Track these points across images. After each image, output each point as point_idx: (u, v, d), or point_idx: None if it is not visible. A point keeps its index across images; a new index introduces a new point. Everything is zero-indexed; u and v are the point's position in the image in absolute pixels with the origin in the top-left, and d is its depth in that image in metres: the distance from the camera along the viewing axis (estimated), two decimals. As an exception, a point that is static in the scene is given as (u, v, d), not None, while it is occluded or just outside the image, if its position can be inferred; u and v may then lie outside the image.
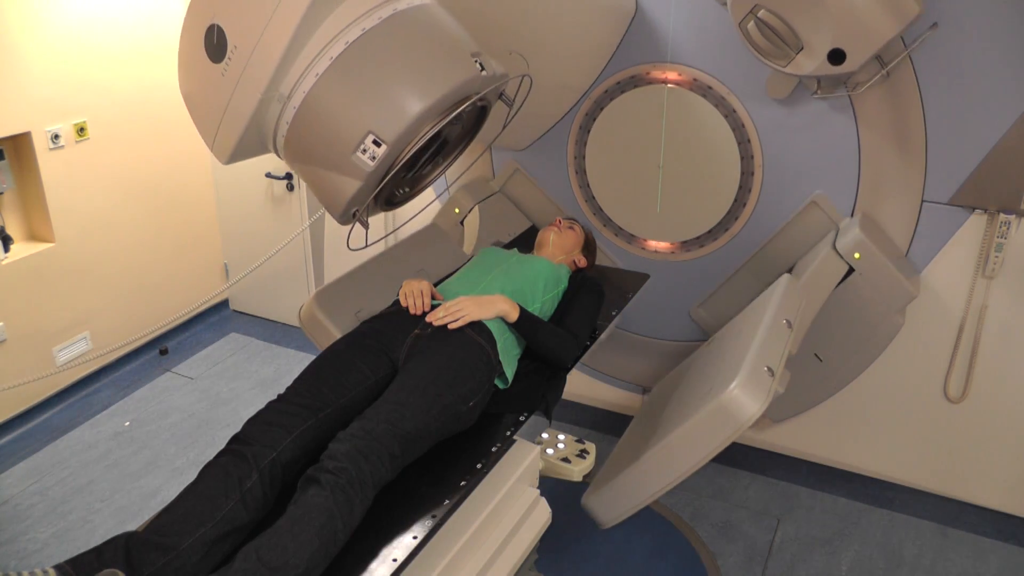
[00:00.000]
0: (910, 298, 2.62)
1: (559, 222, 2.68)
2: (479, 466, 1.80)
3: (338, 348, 1.99)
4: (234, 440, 1.68)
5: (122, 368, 3.90)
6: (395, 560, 1.51)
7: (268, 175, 3.91)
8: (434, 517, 1.62)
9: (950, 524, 2.90)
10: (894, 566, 2.73)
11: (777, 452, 3.23)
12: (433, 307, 2.11)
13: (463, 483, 1.74)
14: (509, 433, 1.94)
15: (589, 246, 2.74)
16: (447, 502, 1.67)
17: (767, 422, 3.09)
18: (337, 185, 1.72)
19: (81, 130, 3.46)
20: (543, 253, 2.62)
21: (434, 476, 1.76)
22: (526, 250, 2.77)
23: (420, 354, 1.93)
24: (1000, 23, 2.38)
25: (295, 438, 1.71)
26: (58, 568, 1.37)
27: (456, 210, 3.09)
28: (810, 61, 2.32)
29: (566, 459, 2.04)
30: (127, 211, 3.76)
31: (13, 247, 3.36)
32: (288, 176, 3.91)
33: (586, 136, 3.07)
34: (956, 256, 2.68)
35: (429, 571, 1.58)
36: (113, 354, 3.80)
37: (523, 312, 2.11)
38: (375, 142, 1.64)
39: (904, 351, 2.85)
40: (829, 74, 2.34)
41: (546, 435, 2.12)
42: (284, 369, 3.89)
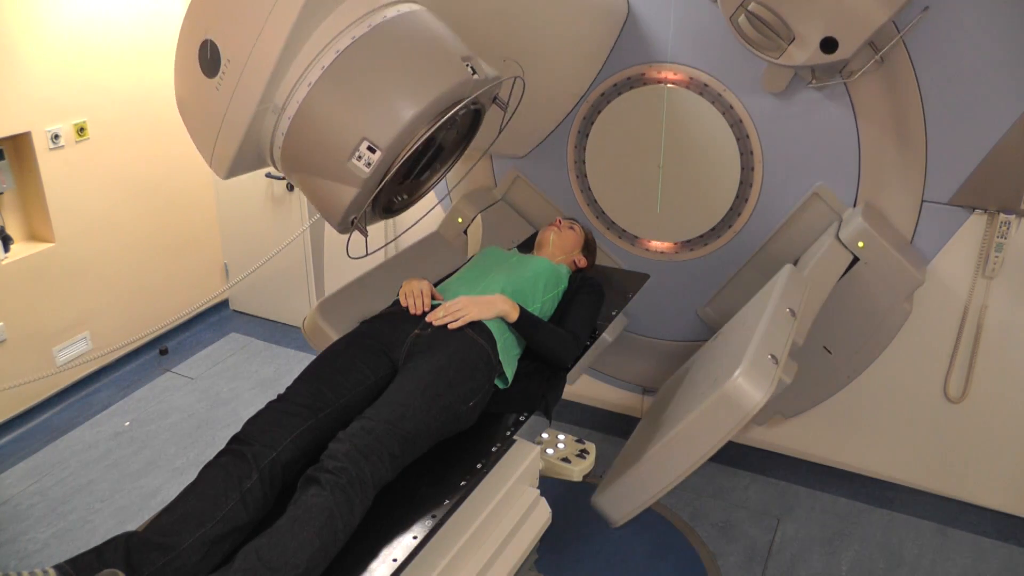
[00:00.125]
0: (916, 284, 2.60)
1: (559, 222, 2.68)
2: (479, 466, 1.80)
3: (338, 348, 1.99)
4: (234, 440, 1.68)
5: (122, 368, 3.90)
6: (395, 560, 1.51)
7: (268, 175, 3.91)
8: (434, 517, 1.62)
9: (950, 524, 2.90)
10: (894, 566, 2.73)
11: (777, 452, 3.23)
12: (433, 307, 2.11)
13: (463, 483, 1.74)
14: (509, 433, 1.94)
15: (589, 246, 2.74)
16: (447, 502, 1.67)
17: (779, 418, 3.07)
18: (334, 193, 1.73)
19: (81, 130, 3.46)
20: (543, 253, 2.62)
21: (434, 476, 1.76)
22: (526, 250, 2.77)
23: (420, 354, 1.93)
24: (1000, 22, 2.38)
25: (295, 438, 1.71)
26: (58, 568, 1.37)
27: (459, 220, 3.11)
28: (803, 51, 2.32)
29: (566, 459, 2.04)
30: (127, 211, 3.76)
31: (13, 247, 3.36)
32: (288, 176, 3.90)
33: (585, 140, 3.08)
34: (956, 256, 2.68)
35: (429, 571, 1.58)
36: (113, 354, 3.80)
37: (523, 312, 2.11)
38: (369, 148, 1.65)
39: (904, 351, 2.85)
40: (823, 63, 2.33)
41: (546, 435, 2.12)
42: (284, 369, 3.89)
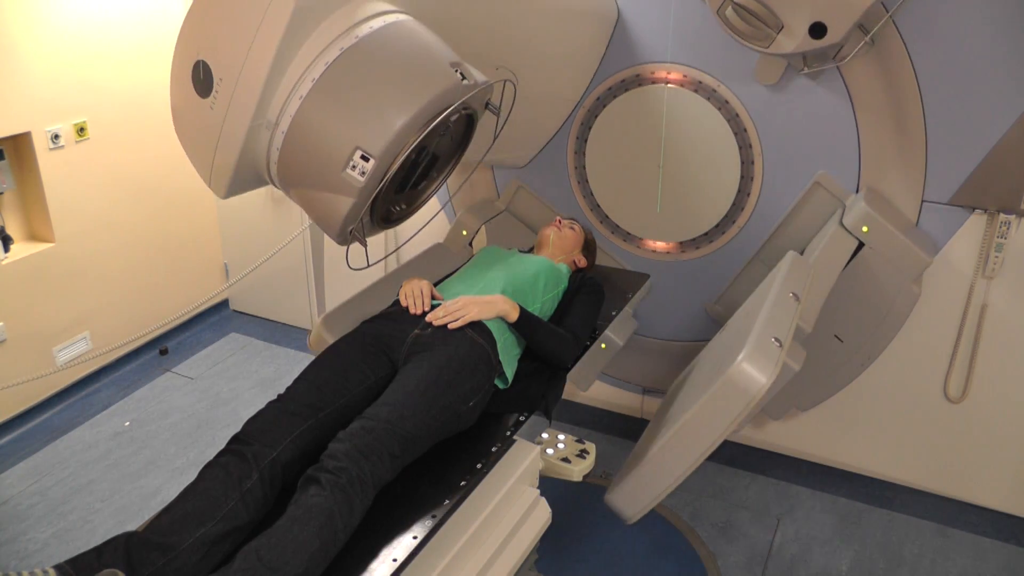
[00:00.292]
0: (924, 265, 2.59)
1: (559, 221, 2.68)
2: (479, 466, 1.80)
3: (338, 348, 1.99)
4: (234, 440, 1.68)
5: (122, 368, 3.90)
6: (395, 560, 1.51)
7: (268, 175, 3.91)
8: (434, 517, 1.62)
9: (950, 524, 2.90)
10: (894, 566, 2.73)
11: (777, 452, 3.23)
12: (433, 307, 2.11)
13: (463, 483, 1.74)
14: (509, 433, 1.94)
15: (589, 246, 2.74)
16: (447, 502, 1.67)
17: (794, 411, 3.05)
18: (331, 205, 1.74)
19: (81, 130, 3.46)
20: (543, 253, 2.62)
21: (434, 476, 1.76)
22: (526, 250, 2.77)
23: (420, 354, 1.93)
24: (992, 11, 2.38)
25: (295, 438, 1.71)
26: (58, 568, 1.37)
27: (464, 232, 3.14)
28: (791, 39, 2.32)
29: (566, 459, 2.04)
30: (127, 211, 3.76)
31: (13, 247, 3.36)
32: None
33: (584, 145, 3.09)
34: (956, 256, 2.68)
35: (429, 571, 1.58)
36: (113, 354, 3.80)
37: (523, 312, 2.11)
38: (363, 157, 1.66)
39: (904, 351, 2.84)
40: (813, 49, 2.33)
41: (546, 435, 2.12)
42: (284, 369, 3.89)
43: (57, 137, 3.36)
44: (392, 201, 1.92)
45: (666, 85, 2.87)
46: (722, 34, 2.43)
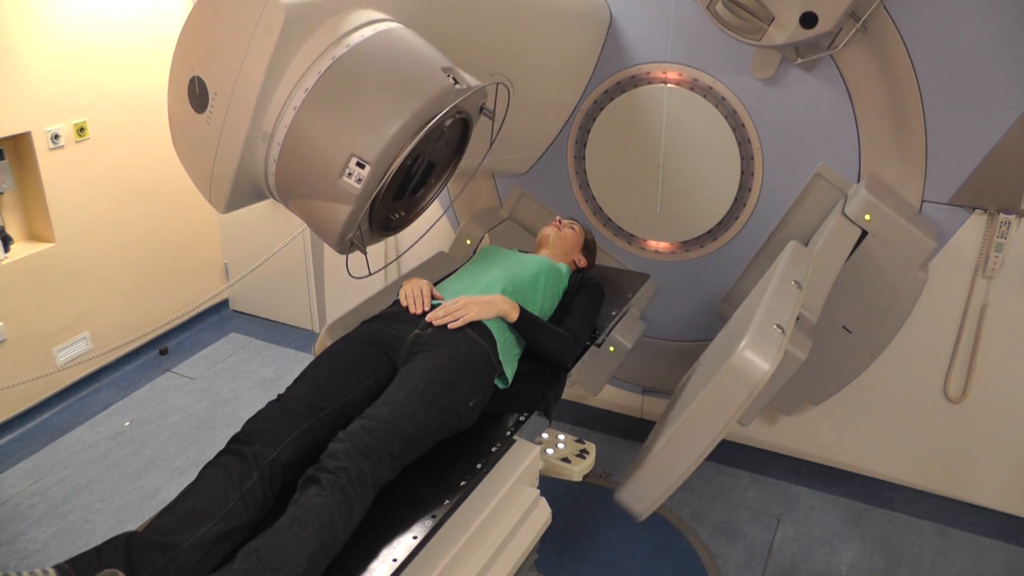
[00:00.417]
0: (928, 250, 2.59)
1: (559, 221, 2.67)
2: (479, 466, 1.80)
3: (338, 348, 1.99)
4: (234, 440, 1.68)
5: (122, 368, 3.90)
6: (395, 560, 1.51)
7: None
8: (434, 517, 1.62)
9: (950, 524, 2.90)
10: (894, 566, 2.73)
11: (777, 452, 3.23)
12: (433, 307, 2.11)
13: (463, 483, 1.73)
14: (509, 433, 1.94)
15: (589, 246, 2.73)
16: (447, 502, 1.66)
17: (807, 405, 3.04)
18: (329, 213, 1.75)
19: (81, 130, 3.46)
20: (543, 253, 2.62)
21: (434, 476, 1.76)
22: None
23: (420, 354, 1.93)
24: (996, 13, 2.38)
25: (295, 438, 1.71)
26: (58, 568, 1.37)
27: (468, 241, 3.16)
28: (783, 30, 2.32)
29: (566, 459, 2.04)
30: (127, 211, 3.76)
31: (13, 247, 3.37)
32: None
33: (584, 149, 3.09)
34: (956, 256, 2.68)
35: (429, 571, 1.58)
36: (113, 354, 3.80)
37: (523, 312, 2.11)
38: (359, 164, 1.67)
39: (904, 351, 2.85)
40: (805, 39, 2.33)
41: (546, 435, 2.12)
42: (284, 369, 3.89)
43: (57, 137, 3.36)
44: (391, 208, 1.93)
45: (664, 85, 2.87)
46: (715, 30, 2.43)
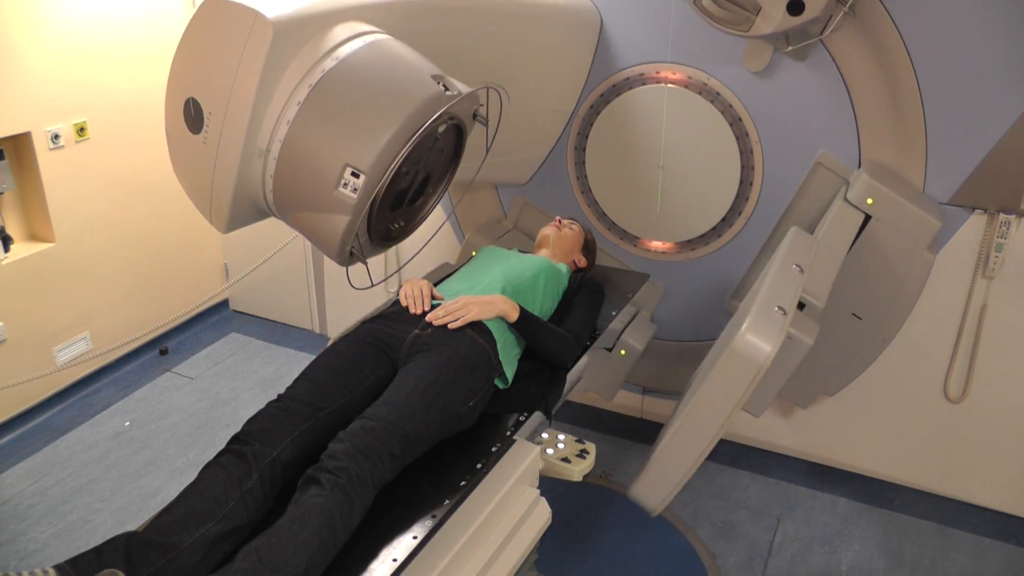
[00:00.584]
0: (934, 230, 2.57)
1: (559, 221, 2.67)
2: (479, 466, 1.80)
3: (338, 348, 1.99)
4: (234, 440, 1.68)
5: (122, 368, 3.90)
6: (395, 560, 1.51)
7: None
8: (434, 517, 1.62)
9: (950, 524, 2.90)
10: (894, 566, 2.73)
11: (777, 452, 3.24)
12: (433, 307, 2.11)
13: (463, 483, 1.73)
14: (509, 433, 1.94)
15: (589, 246, 2.73)
16: (447, 502, 1.66)
17: (821, 397, 3.03)
18: (327, 225, 1.76)
19: (81, 130, 3.46)
20: (543, 253, 2.62)
21: (434, 476, 1.76)
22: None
23: (420, 354, 1.93)
24: (1000, 21, 2.38)
25: (295, 438, 1.71)
26: (58, 568, 1.37)
27: (473, 253, 3.14)
28: (770, 20, 2.33)
29: (566, 459, 2.04)
30: (127, 211, 3.76)
31: (13, 247, 3.36)
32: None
33: (583, 155, 3.10)
34: (956, 256, 2.68)
35: (429, 571, 1.58)
36: (113, 354, 3.80)
37: (523, 312, 2.11)
38: (353, 173, 1.69)
39: (904, 351, 2.85)
40: (794, 26, 2.33)
41: (546, 435, 2.12)
42: (284, 369, 3.89)
43: (57, 137, 3.36)
44: (390, 219, 1.94)
45: (658, 85, 2.87)
46: (704, 27, 2.43)
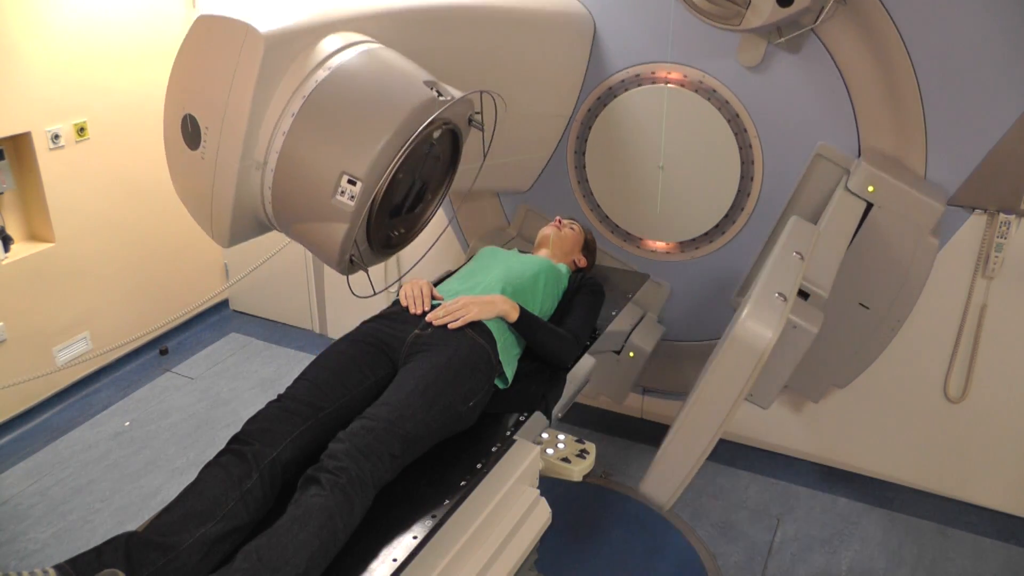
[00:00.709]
0: (936, 214, 2.56)
1: (559, 221, 2.67)
2: (479, 466, 1.80)
3: (338, 348, 1.99)
4: (234, 440, 1.68)
5: (122, 368, 3.90)
6: (395, 560, 1.51)
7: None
8: (434, 517, 1.62)
9: (950, 524, 2.90)
10: (894, 566, 2.73)
11: (777, 452, 3.24)
12: (433, 307, 2.11)
13: (463, 483, 1.73)
14: (509, 433, 1.94)
15: (589, 246, 2.73)
16: (447, 502, 1.66)
17: (831, 390, 3.02)
18: (326, 234, 1.77)
19: (81, 130, 3.46)
20: (543, 253, 2.61)
21: (434, 476, 1.76)
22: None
23: (420, 354, 1.93)
24: (999, 21, 2.38)
25: (295, 438, 1.71)
26: (58, 568, 1.37)
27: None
28: (760, 13, 2.33)
29: (566, 459, 2.04)
30: (127, 211, 3.76)
31: (13, 247, 3.36)
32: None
33: (583, 159, 3.10)
34: (956, 256, 2.68)
35: (429, 571, 1.58)
36: (113, 354, 3.80)
37: (523, 312, 2.11)
38: (350, 181, 1.70)
39: (904, 351, 2.85)
40: (784, 18, 2.33)
41: (546, 435, 2.12)
42: (284, 369, 3.89)
43: (57, 137, 3.36)
44: (389, 227, 1.95)
45: (655, 85, 2.87)
46: (699, 24, 2.43)
